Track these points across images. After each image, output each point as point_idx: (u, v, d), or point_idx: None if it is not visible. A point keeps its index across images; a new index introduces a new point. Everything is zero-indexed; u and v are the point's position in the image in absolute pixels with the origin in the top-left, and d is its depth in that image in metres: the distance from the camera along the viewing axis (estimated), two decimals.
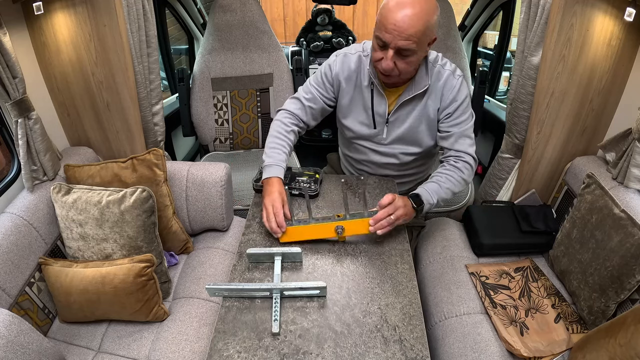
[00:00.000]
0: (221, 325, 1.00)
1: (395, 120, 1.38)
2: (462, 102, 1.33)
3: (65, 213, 1.35)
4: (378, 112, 1.37)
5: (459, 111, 1.34)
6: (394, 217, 1.15)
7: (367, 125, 1.41)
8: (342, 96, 1.41)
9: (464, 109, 1.34)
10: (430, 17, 1.14)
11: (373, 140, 1.45)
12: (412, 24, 1.12)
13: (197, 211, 1.66)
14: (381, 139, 1.43)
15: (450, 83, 1.31)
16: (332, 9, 2.78)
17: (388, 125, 1.40)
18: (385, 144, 1.44)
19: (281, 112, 1.44)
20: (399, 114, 1.37)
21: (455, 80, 1.32)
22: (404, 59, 1.19)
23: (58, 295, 1.30)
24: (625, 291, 1.18)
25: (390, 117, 1.38)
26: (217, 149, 2.37)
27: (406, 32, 1.12)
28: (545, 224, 1.60)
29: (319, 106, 1.43)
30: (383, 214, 1.14)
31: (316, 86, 1.42)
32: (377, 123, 1.40)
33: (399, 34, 1.13)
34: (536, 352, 1.22)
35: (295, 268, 1.16)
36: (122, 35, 1.49)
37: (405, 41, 1.14)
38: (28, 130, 1.31)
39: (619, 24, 1.43)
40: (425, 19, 1.13)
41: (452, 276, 1.48)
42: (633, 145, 1.35)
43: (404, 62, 1.20)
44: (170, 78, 2.70)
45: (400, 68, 1.21)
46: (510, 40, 2.59)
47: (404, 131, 1.39)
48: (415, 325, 0.99)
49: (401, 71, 1.22)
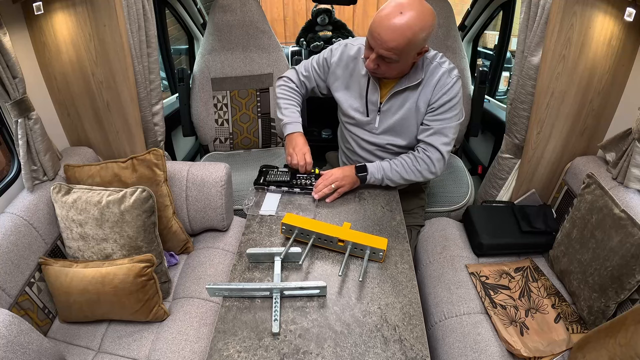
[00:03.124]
0: (221, 325, 1.00)
1: (388, 110, 1.42)
2: (449, 100, 1.34)
3: (65, 213, 1.35)
4: (371, 100, 1.42)
5: (444, 108, 1.35)
6: (329, 180, 1.36)
7: (360, 112, 1.47)
8: (333, 80, 1.50)
9: (451, 107, 1.35)
10: (415, 34, 1.17)
11: (365, 128, 1.49)
12: (394, 37, 1.16)
13: (197, 211, 1.66)
14: (373, 128, 1.47)
15: (443, 80, 1.34)
16: (332, 9, 2.78)
17: (380, 114, 1.44)
18: (377, 133, 1.48)
19: (282, 79, 1.59)
20: (391, 105, 1.41)
21: (450, 79, 1.34)
22: (387, 64, 1.25)
23: (58, 295, 1.30)
24: (625, 291, 1.18)
25: (383, 106, 1.42)
26: (217, 149, 2.37)
27: (387, 44, 1.18)
28: (545, 224, 1.60)
29: (311, 85, 1.56)
30: (320, 181, 1.37)
31: (315, 66, 1.53)
32: (370, 111, 1.45)
33: (381, 44, 1.19)
34: (536, 352, 1.22)
35: (295, 268, 1.16)
36: (122, 35, 1.49)
37: (386, 51, 1.20)
38: (28, 130, 1.31)
39: (619, 24, 1.43)
40: (409, 36, 1.16)
41: (452, 276, 1.49)
42: (633, 145, 1.35)
43: (386, 66, 1.26)
44: (170, 78, 2.70)
45: (383, 69, 1.28)
46: (510, 40, 2.59)
47: (395, 122, 1.42)
48: (415, 325, 0.99)
49: (383, 72, 1.29)
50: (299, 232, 1.19)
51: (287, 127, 1.46)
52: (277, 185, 1.43)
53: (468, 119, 2.26)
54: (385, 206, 1.39)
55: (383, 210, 1.38)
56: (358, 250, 1.16)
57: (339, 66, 1.46)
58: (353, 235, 1.16)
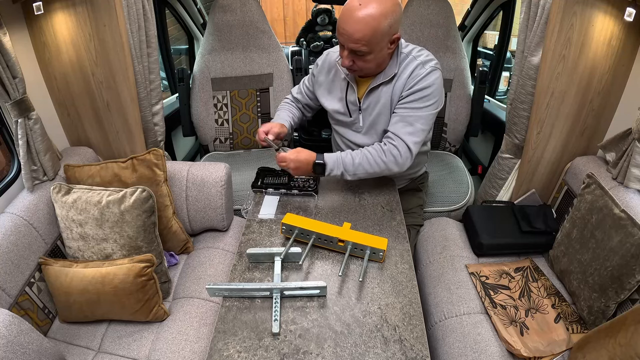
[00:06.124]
0: (221, 325, 1.00)
1: (367, 107, 1.43)
2: (420, 90, 1.31)
3: (65, 213, 1.35)
4: (350, 100, 1.44)
5: (413, 97, 1.33)
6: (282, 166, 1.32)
7: (342, 113, 1.49)
8: (317, 88, 1.54)
9: (421, 97, 1.32)
10: (378, 21, 1.18)
11: (352, 128, 1.51)
12: (358, 29, 1.19)
13: (197, 211, 1.66)
14: (358, 127, 1.49)
15: (416, 72, 1.33)
16: (332, 9, 2.78)
17: (362, 112, 1.45)
18: (363, 133, 1.49)
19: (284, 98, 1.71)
20: (370, 102, 1.42)
21: (424, 70, 1.32)
22: (360, 58, 1.26)
23: (58, 295, 1.30)
24: (625, 291, 1.18)
25: (362, 104, 1.43)
26: (217, 149, 2.37)
27: (353, 36, 1.20)
28: (545, 224, 1.60)
29: (304, 99, 1.62)
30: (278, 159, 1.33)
31: (306, 81, 1.61)
32: (351, 111, 1.46)
33: (348, 38, 1.21)
34: (536, 352, 1.22)
35: (295, 268, 1.16)
36: (122, 35, 1.49)
37: (354, 44, 1.21)
38: (28, 130, 1.31)
39: (619, 24, 1.43)
40: (372, 24, 1.18)
41: (452, 276, 1.48)
42: (633, 145, 1.35)
43: (361, 60, 1.27)
44: (170, 78, 2.70)
45: (359, 65, 1.29)
46: (510, 40, 2.59)
47: (374, 118, 1.43)
48: (415, 325, 0.99)
49: (361, 68, 1.30)
50: (299, 232, 1.19)
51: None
52: (275, 188, 1.43)
53: (468, 119, 2.26)
54: (385, 206, 1.39)
55: (383, 210, 1.38)
56: (358, 250, 1.16)
57: (321, 73, 1.51)
58: (353, 236, 1.16)
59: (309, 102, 1.62)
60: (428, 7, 2.13)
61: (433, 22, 2.15)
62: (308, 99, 1.62)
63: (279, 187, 1.43)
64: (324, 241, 1.19)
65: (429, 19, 2.15)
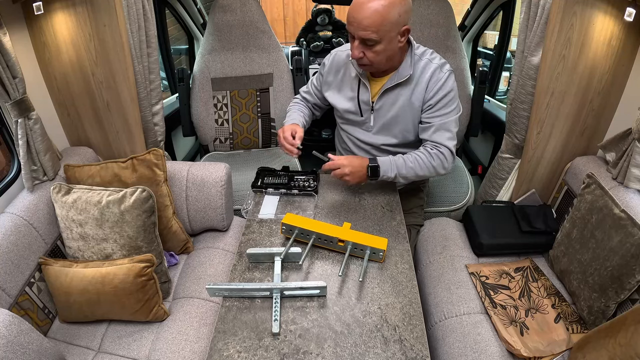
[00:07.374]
0: (221, 325, 1.00)
1: (380, 108, 1.43)
2: (445, 95, 1.36)
3: (65, 213, 1.35)
4: (363, 99, 1.44)
5: (441, 103, 1.36)
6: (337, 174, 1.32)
7: (354, 113, 1.49)
8: (326, 88, 1.55)
9: (448, 102, 1.37)
10: (387, 9, 1.20)
11: (361, 127, 1.52)
12: (368, 15, 1.20)
13: (197, 211, 1.66)
14: (369, 127, 1.49)
15: (436, 76, 1.35)
16: (332, 9, 2.78)
17: (374, 112, 1.45)
18: (372, 132, 1.49)
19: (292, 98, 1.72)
20: (384, 102, 1.42)
21: (443, 74, 1.35)
22: (370, 49, 1.26)
23: (58, 295, 1.30)
24: (625, 291, 1.18)
25: (375, 104, 1.43)
26: (217, 149, 2.37)
27: (362, 23, 1.21)
28: (545, 224, 1.60)
29: (313, 99, 1.63)
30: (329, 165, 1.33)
31: (314, 81, 1.62)
32: (363, 111, 1.47)
33: (357, 25, 1.22)
34: (536, 352, 1.22)
35: (295, 268, 1.16)
36: (122, 35, 1.49)
37: (363, 31, 1.22)
38: (28, 130, 1.31)
39: (619, 24, 1.43)
40: (380, 11, 1.20)
41: (452, 276, 1.48)
42: (633, 145, 1.35)
43: (371, 52, 1.27)
44: (170, 78, 2.70)
45: (369, 57, 1.28)
46: (510, 40, 2.59)
47: (389, 119, 1.44)
48: (415, 325, 0.99)
49: (371, 60, 1.29)
50: (299, 232, 1.19)
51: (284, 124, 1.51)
52: (275, 188, 1.43)
53: (468, 118, 2.26)
54: (385, 206, 1.39)
55: (383, 210, 1.38)
56: (358, 250, 1.16)
57: (329, 73, 1.52)
58: (353, 236, 1.16)
59: (318, 101, 1.63)
60: (428, 7, 2.13)
61: (433, 22, 2.15)
62: (317, 98, 1.63)
63: (279, 187, 1.43)
64: (324, 241, 1.19)
65: (429, 19, 2.15)
